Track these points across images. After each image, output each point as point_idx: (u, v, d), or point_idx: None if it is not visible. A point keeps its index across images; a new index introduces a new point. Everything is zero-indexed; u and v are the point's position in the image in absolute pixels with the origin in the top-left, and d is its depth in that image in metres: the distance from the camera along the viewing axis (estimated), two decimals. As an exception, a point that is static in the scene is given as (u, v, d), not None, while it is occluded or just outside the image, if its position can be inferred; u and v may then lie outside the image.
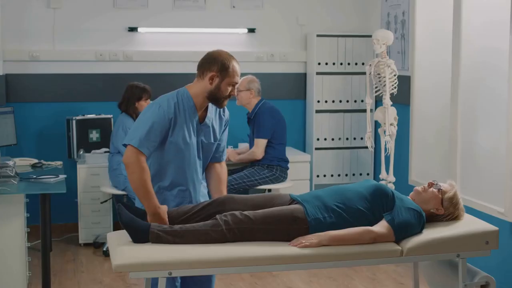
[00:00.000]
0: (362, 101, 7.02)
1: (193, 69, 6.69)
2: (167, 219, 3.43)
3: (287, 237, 3.39)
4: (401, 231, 3.42)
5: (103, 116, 6.52)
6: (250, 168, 6.10)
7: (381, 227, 3.42)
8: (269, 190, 6.11)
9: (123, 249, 3.25)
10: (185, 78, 6.75)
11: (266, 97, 6.32)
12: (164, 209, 3.46)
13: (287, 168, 6.17)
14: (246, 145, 6.59)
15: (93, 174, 6.21)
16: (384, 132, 5.94)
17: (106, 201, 6.19)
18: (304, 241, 3.34)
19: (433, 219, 3.62)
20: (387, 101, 5.90)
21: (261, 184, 6.06)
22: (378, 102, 6.54)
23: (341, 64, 6.96)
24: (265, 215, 3.40)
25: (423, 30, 6.14)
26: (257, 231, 3.37)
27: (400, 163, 6.34)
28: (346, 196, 3.51)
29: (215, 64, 3.49)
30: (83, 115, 6.49)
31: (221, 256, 3.23)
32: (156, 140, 3.46)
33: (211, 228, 3.35)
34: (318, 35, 6.89)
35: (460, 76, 5.46)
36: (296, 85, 7.13)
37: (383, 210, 3.48)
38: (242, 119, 6.33)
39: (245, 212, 3.41)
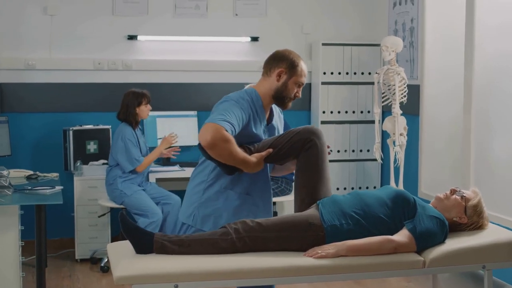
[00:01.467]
0: (368, 111, 6.84)
1: (195, 78, 6.71)
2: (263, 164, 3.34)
3: (301, 246, 3.18)
4: (423, 241, 3.21)
5: (101, 126, 6.31)
6: (284, 184, 5.88)
7: (402, 236, 3.21)
8: (274, 204, 5.87)
9: (125, 260, 3.02)
10: (186, 88, 6.78)
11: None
12: (258, 157, 3.30)
13: (292, 180, 5.94)
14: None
15: (91, 186, 5.98)
16: (394, 142, 5.74)
17: (104, 214, 5.96)
18: (320, 251, 3.12)
19: (455, 228, 3.40)
20: (396, 110, 5.73)
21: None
22: (386, 112, 6.31)
23: (347, 73, 6.77)
24: (278, 222, 3.20)
25: (433, 37, 5.95)
26: (269, 240, 3.16)
27: (409, 175, 6.12)
28: (366, 202, 3.30)
29: (284, 61, 3.38)
30: (81, 126, 6.29)
31: (231, 267, 3.00)
32: (237, 126, 3.23)
33: (220, 237, 3.14)
34: (323, 44, 6.70)
35: (473, 82, 5.23)
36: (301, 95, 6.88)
37: (404, 217, 3.27)
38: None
39: (257, 220, 3.20)
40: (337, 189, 6.86)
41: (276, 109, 3.58)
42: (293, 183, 3.47)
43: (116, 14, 6.48)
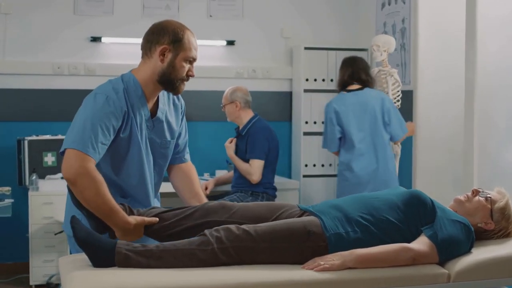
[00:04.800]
0: (355, 122, 6.28)
1: None
2: (142, 233, 2.65)
3: (299, 258, 2.61)
4: (447, 250, 2.66)
5: (60, 137, 5.76)
6: (232, 194, 5.26)
7: (421, 244, 2.66)
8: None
9: (79, 276, 2.43)
10: None
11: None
12: (139, 221, 2.66)
13: (275, 196, 5.37)
14: (225, 172, 5.78)
15: (47, 203, 5.35)
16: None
17: (61, 232, 5.32)
18: (323, 263, 2.56)
19: (479, 236, 2.87)
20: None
21: None
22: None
23: (332, 80, 6.26)
24: (270, 230, 2.63)
25: (427, 37, 5.48)
26: (259, 251, 2.59)
27: (403, 186, 5.56)
28: (374, 206, 2.74)
29: (165, 34, 2.74)
30: (37, 136, 5.75)
31: (212, 284, 2.41)
32: (107, 140, 2.65)
33: (198, 247, 2.57)
34: (306, 48, 6.18)
35: (476, 83, 4.73)
36: (280, 105, 6.41)
37: (420, 223, 2.72)
38: (220, 141, 5.54)
39: (243, 226, 2.63)
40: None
41: (171, 98, 2.95)
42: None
43: (78, 13, 6.01)
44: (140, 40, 5.96)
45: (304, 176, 6.23)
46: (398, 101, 5.23)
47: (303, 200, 6.08)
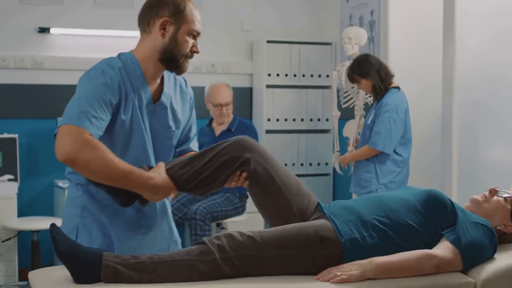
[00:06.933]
0: (319, 119, 6.08)
1: None
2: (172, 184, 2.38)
3: (310, 268, 2.32)
4: (471, 256, 2.40)
5: (6, 135, 5.31)
6: (219, 194, 4.97)
7: (445, 250, 2.38)
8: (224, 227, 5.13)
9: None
10: None
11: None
12: (162, 172, 2.36)
13: (247, 197, 5.08)
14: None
15: (-8, 207, 4.93)
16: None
17: (9, 239, 4.91)
18: (339, 274, 2.26)
19: (498, 239, 2.58)
20: (359, 112, 4.95)
21: (232, 216, 4.98)
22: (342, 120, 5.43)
23: (295, 75, 6.00)
24: (278, 236, 2.32)
25: (398, 30, 5.25)
26: (267, 260, 2.28)
27: (374, 189, 5.33)
28: (390, 208, 2.47)
29: (165, 6, 2.43)
30: (-20, 134, 5.34)
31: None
32: (105, 116, 2.32)
33: (197, 257, 2.24)
34: (268, 41, 5.88)
35: (455, 81, 4.52)
36: (240, 101, 6.06)
37: (441, 226, 2.45)
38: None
39: (248, 233, 2.31)
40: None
41: (175, 80, 2.62)
42: (262, 214, 2.57)
43: (24, 2, 5.59)
44: (92, 32, 5.69)
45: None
46: (370, 96, 4.99)
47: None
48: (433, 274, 2.33)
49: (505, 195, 2.64)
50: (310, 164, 6.07)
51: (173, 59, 2.43)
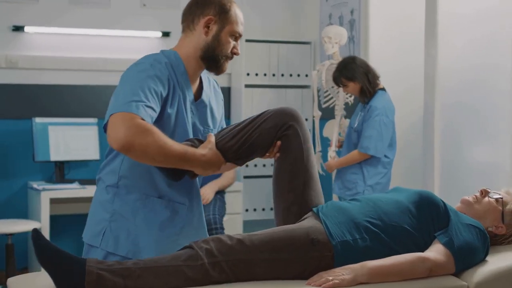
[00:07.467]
0: (298, 119, 5.97)
1: (95, 79, 5.65)
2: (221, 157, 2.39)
3: (301, 271, 2.26)
4: (464, 258, 2.36)
5: (-20, 137, 5.16)
6: (219, 197, 4.89)
7: (438, 252, 2.34)
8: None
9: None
10: (84, 91, 5.68)
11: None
12: (211, 146, 2.36)
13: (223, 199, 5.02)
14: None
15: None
16: (338, 151, 4.90)
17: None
18: (331, 278, 2.19)
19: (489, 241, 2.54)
20: (340, 111, 4.91)
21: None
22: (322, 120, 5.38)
23: (274, 75, 5.95)
24: (268, 238, 2.26)
25: (379, 29, 5.21)
26: (256, 264, 2.22)
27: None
28: (383, 209, 2.41)
29: (211, 5, 2.45)
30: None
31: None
32: (156, 106, 2.30)
33: (184, 262, 2.17)
34: (247, 40, 5.81)
35: (437, 80, 4.48)
36: (219, 101, 5.96)
37: (433, 228, 2.41)
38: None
39: (237, 236, 2.24)
40: (263, 209, 5.95)
41: (209, 80, 2.64)
42: (272, 189, 2.51)
43: (-3, -1, 5.48)
44: (67, 30, 5.59)
45: (245, 177, 5.86)
46: (350, 96, 4.94)
47: (248, 202, 5.73)
48: (426, 277, 2.29)
49: (496, 196, 2.59)
50: (289, 165, 6.01)
51: (214, 58, 2.44)
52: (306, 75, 6.00)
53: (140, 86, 2.25)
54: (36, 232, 2.08)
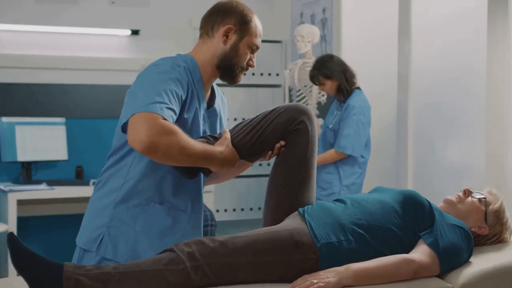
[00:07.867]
0: (269, 119, 5.92)
1: (62, 78, 5.53)
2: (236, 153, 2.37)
3: (284, 274, 2.20)
4: (448, 260, 2.32)
5: None
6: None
7: (423, 254, 2.30)
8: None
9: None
10: (52, 90, 5.57)
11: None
12: (227, 143, 2.34)
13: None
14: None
15: None
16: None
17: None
18: (316, 281, 2.14)
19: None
20: (312, 111, 4.85)
21: None
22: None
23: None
24: (251, 241, 2.20)
25: (352, 28, 5.18)
26: (239, 267, 2.16)
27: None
28: (368, 210, 2.38)
29: (233, 14, 2.45)
30: None
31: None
32: (176, 107, 2.26)
33: (166, 266, 2.10)
34: (217, 39, 5.73)
35: (410, 79, 4.49)
36: (189, 100, 5.90)
37: (418, 228, 2.37)
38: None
39: (220, 238, 2.18)
40: (234, 210, 5.89)
41: (218, 90, 2.61)
42: (268, 183, 2.48)
43: (-39, -4, 5.33)
44: (34, 28, 5.47)
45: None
46: (323, 95, 4.91)
47: (219, 202, 5.67)
48: (411, 280, 2.24)
49: (479, 196, 2.57)
50: (260, 165, 5.95)
51: (230, 68, 2.43)
52: (277, 74, 5.96)
53: (163, 87, 2.21)
54: (12, 236, 2.00)
